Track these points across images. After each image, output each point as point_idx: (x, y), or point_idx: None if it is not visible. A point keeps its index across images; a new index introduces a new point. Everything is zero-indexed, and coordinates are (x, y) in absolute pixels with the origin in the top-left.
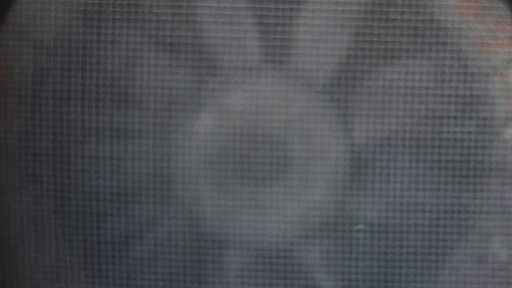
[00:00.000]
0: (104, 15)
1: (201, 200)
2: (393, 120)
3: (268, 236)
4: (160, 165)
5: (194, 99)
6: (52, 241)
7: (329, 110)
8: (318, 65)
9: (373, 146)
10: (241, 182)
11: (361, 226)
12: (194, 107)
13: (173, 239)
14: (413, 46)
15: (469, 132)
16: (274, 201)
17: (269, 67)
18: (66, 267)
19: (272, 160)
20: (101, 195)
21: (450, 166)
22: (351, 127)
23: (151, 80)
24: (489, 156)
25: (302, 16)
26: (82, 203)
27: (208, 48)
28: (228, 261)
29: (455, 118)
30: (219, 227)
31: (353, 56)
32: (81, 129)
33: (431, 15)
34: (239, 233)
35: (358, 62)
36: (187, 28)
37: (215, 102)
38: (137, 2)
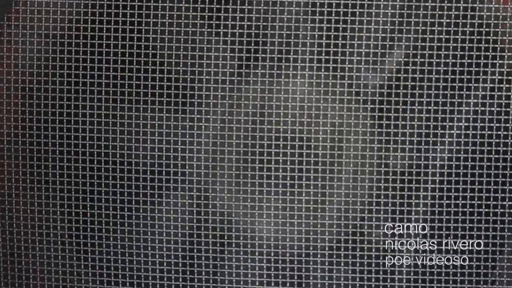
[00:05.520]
0: (113, 5)
1: (223, 203)
2: (426, 120)
3: (291, 240)
4: (178, 165)
5: (219, 98)
6: (60, 247)
7: (362, 111)
8: (351, 66)
9: (405, 149)
10: (265, 184)
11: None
12: (218, 106)
13: (190, 242)
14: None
15: (507, 129)
16: (299, 203)
17: (301, 66)
18: (75, 273)
19: (299, 161)
20: (113, 198)
21: (492, 171)
22: (383, 126)
23: (167, 74)
24: None
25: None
26: (92, 208)
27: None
28: (247, 264)
29: (493, 114)
30: (240, 230)
31: (386, 59)
32: (91, 127)
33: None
34: (260, 237)
35: (387, 65)
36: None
37: (243, 97)
38: None
